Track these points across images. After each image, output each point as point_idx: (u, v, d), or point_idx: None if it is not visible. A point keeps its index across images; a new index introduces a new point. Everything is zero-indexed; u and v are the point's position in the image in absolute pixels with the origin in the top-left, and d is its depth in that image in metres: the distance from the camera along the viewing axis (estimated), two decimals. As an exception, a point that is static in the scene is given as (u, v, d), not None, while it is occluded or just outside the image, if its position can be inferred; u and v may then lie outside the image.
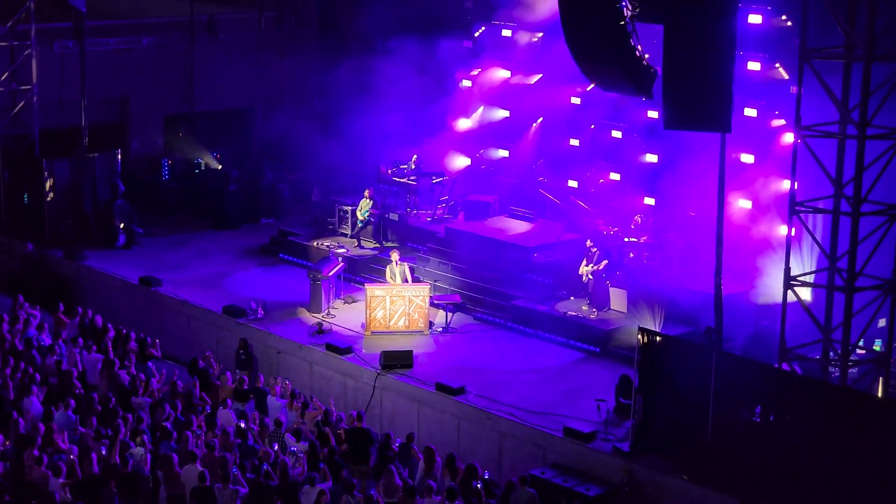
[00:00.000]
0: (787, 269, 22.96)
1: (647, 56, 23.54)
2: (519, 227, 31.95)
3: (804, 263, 24.51)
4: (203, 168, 38.87)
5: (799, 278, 23.16)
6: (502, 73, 34.23)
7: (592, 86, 29.76)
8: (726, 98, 22.10)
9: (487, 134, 34.60)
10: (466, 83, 34.82)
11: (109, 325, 28.16)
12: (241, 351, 27.53)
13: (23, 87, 35.75)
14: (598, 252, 28.55)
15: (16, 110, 35.64)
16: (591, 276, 28.54)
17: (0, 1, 35.30)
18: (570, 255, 30.01)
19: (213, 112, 40.62)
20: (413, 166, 34.16)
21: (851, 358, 22.90)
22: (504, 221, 32.44)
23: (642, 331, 23.04)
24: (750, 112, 28.44)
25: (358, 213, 32.93)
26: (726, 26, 21.69)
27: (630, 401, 23.53)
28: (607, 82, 25.48)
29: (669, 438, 22.75)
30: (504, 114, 34.49)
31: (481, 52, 34.77)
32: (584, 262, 28.63)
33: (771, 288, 26.37)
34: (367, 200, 32.78)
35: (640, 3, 23.30)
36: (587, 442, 23.39)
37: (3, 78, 35.44)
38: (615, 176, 31.53)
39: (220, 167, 38.71)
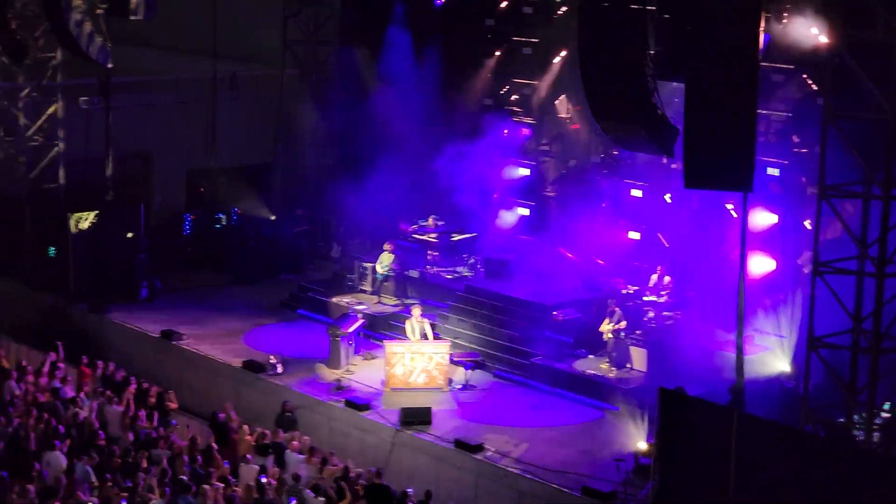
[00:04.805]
0: (812, 330, 22.87)
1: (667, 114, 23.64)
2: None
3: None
4: (224, 223, 39.06)
5: (824, 339, 23.06)
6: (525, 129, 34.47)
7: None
8: (748, 157, 22.12)
9: (509, 191, 34.75)
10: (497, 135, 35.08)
11: (131, 378, 28.25)
12: (289, 413, 27.35)
13: (49, 142, 36.00)
14: (618, 311, 28.56)
15: (42, 165, 35.86)
16: (611, 335, 28.53)
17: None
18: (589, 314, 30.00)
19: (234, 167, 40.80)
20: (433, 224, 34.30)
21: (875, 421, 22.75)
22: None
23: (663, 391, 22.94)
24: (773, 171, 28.52)
25: (378, 267, 32.98)
26: (748, 84, 21.74)
27: (650, 461, 23.42)
28: (628, 141, 25.57)
29: (690, 500, 22.58)
30: (525, 172, 34.65)
31: (504, 106, 35.02)
32: (606, 321, 28.62)
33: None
34: (389, 254, 32.84)
35: (661, 61, 23.44)
36: (607, 502, 23.27)
37: (30, 133, 35.71)
38: (635, 235, 31.57)
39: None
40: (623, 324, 28.48)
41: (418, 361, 28.45)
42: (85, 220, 34.40)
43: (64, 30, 33.65)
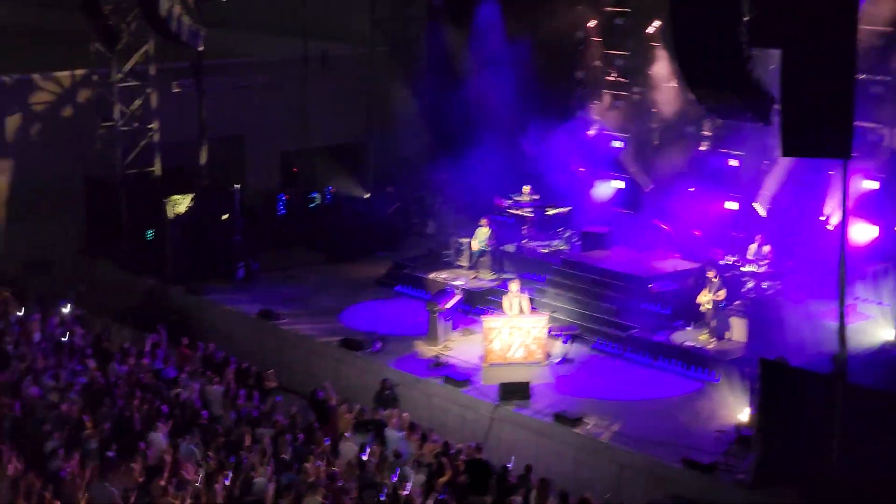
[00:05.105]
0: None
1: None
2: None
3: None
4: (318, 203, 39.25)
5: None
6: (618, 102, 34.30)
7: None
8: (847, 123, 21.76)
9: (604, 164, 34.58)
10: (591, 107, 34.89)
11: (231, 358, 28.53)
12: (388, 391, 27.38)
13: (144, 127, 36.39)
14: (717, 281, 28.30)
15: (137, 149, 36.26)
16: (710, 306, 28.28)
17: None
18: (687, 285, 29.77)
19: (326, 146, 40.99)
20: (527, 197, 34.24)
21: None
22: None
23: (763, 361, 22.74)
24: (873, 137, 28.06)
25: (473, 242, 32.93)
26: (847, 49, 21.37)
27: (751, 432, 23.22)
28: (723, 109, 25.29)
29: (793, 470, 22.37)
30: (619, 144, 34.47)
31: (598, 78, 34.84)
32: (704, 292, 28.38)
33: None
34: (485, 229, 32.78)
35: (756, 28, 23.10)
36: (708, 474, 23.11)
37: (125, 118, 36.11)
38: (732, 205, 31.27)
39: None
40: (722, 294, 28.20)
41: (516, 336, 28.36)
42: (181, 203, 34.75)
43: (155, 14, 33.92)
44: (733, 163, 31.43)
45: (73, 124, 37.31)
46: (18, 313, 30.96)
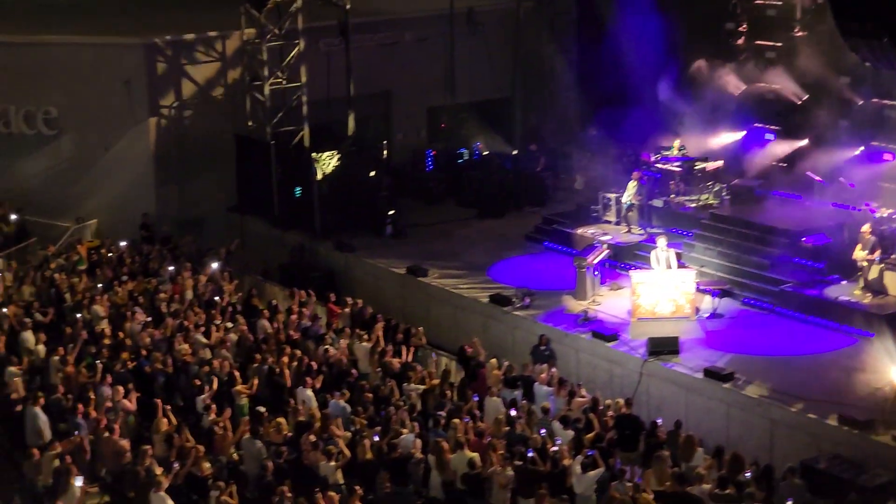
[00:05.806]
0: None
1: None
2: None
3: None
4: (466, 158, 39.22)
5: None
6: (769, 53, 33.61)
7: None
8: None
9: (754, 117, 33.95)
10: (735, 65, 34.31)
11: (378, 315, 28.66)
12: (544, 347, 27.32)
13: (292, 85, 36.66)
14: (871, 237, 27.60)
15: (286, 108, 36.54)
16: (866, 262, 27.60)
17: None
18: (840, 239, 29.11)
19: (473, 102, 40.90)
20: (676, 152, 33.80)
21: None
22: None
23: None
24: None
25: (624, 197, 32.54)
26: None
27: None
28: (877, 58, 24.60)
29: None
30: (771, 96, 33.81)
31: (744, 33, 34.18)
32: (859, 247, 27.69)
33: None
34: (634, 182, 32.37)
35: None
36: (864, 431, 22.60)
37: (274, 77, 36.39)
38: (888, 156, 30.46)
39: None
40: (877, 252, 27.50)
41: (664, 291, 28.07)
42: (328, 162, 34.96)
43: (302, -27, 34.16)
44: (889, 113, 30.57)
45: (223, 84, 37.84)
46: (171, 268, 31.52)
